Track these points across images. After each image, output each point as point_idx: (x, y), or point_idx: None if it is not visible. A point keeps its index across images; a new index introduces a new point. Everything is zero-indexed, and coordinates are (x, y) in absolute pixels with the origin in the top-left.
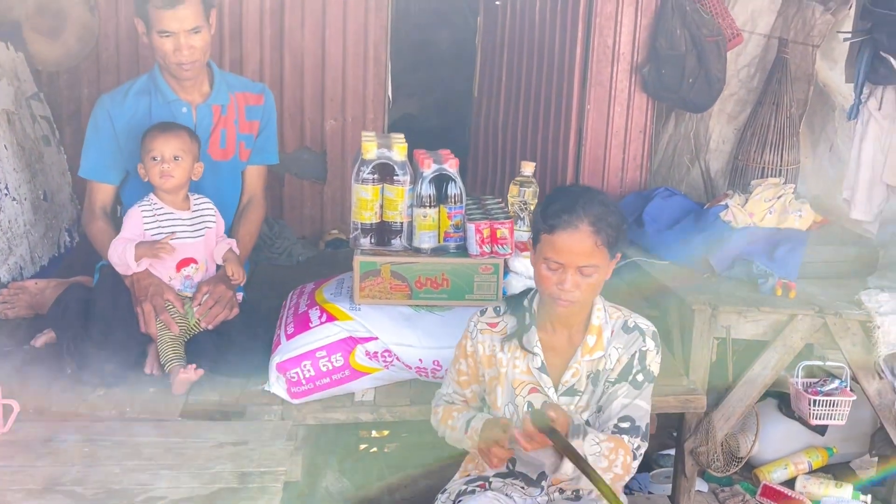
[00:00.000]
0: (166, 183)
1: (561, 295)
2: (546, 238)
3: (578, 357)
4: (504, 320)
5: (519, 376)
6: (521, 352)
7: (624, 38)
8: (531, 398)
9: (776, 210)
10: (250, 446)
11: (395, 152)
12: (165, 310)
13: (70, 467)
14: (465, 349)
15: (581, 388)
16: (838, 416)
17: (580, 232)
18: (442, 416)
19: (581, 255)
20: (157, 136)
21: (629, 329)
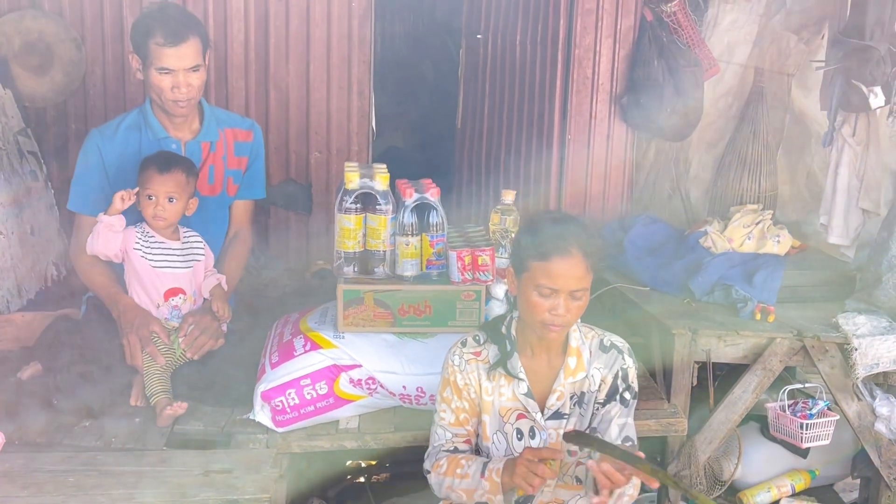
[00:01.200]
0: (157, 223)
1: (554, 321)
2: (539, 266)
3: (561, 380)
4: (486, 349)
5: (505, 403)
6: (506, 379)
7: (603, 69)
8: (519, 424)
9: (755, 236)
10: (234, 474)
11: (378, 182)
12: (151, 342)
13: (54, 497)
14: (456, 385)
15: (566, 411)
16: (824, 437)
17: (574, 258)
18: (447, 467)
19: (575, 280)
20: (154, 177)
21: (606, 348)
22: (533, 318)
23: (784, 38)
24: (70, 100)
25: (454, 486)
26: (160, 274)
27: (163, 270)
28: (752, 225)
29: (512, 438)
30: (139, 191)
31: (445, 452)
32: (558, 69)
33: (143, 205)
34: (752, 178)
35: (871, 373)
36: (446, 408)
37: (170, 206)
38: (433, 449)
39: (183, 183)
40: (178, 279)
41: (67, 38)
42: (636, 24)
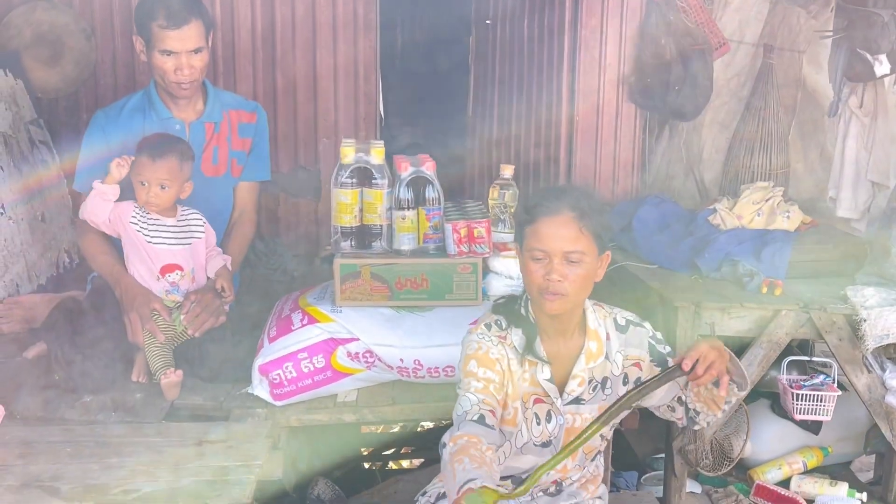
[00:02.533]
0: (151, 209)
1: (549, 287)
2: (529, 230)
3: (583, 364)
4: (509, 333)
5: (527, 388)
6: (528, 363)
7: (610, 50)
8: (536, 409)
9: (764, 212)
10: (228, 444)
11: (373, 156)
12: (151, 319)
13: (50, 465)
14: (487, 357)
15: (586, 397)
16: (823, 412)
17: (562, 216)
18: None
19: (565, 240)
20: (146, 164)
21: (623, 327)
22: (531, 287)
23: (794, 14)
24: (81, 90)
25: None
26: (156, 250)
27: (158, 246)
28: (762, 202)
29: (531, 424)
30: (133, 175)
31: (470, 423)
32: (565, 51)
33: (137, 190)
34: (764, 156)
35: (880, 344)
36: (472, 380)
37: (162, 192)
38: (456, 418)
39: (175, 170)
40: (175, 255)
41: (77, 29)
42: (643, 4)
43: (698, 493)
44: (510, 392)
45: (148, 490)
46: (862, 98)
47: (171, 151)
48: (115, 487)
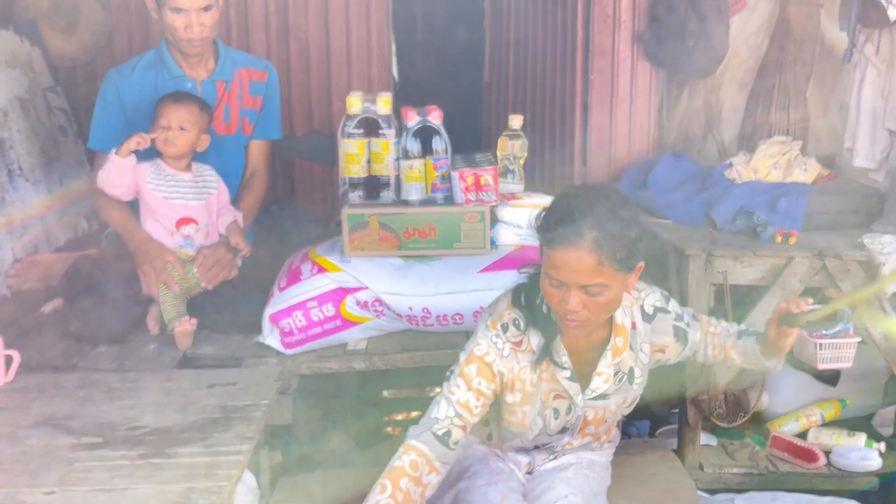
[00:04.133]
0: (168, 150)
1: (566, 315)
2: (546, 252)
3: (609, 360)
4: (527, 337)
5: (546, 387)
6: (547, 363)
7: (624, 6)
8: (556, 404)
9: (781, 166)
10: (238, 386)
11: (380, 106)
12: (166, 271)
13: (63, 407)
14: (489, 368)
15: (609, 392)
16: (844, 359)
17: (579, 249)
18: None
19: (582, 274)
20: (168, 105)
21: (650, 316)
22: (551, 307)
23: None
24: (97, 58)
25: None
26: (172, 204)
27: (174, 201)
28: (779, 156)
29: (549, 419)
30: (155, 123)
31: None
32: (579, 8)
33: (157, 132)
34: (781, 111)
35: None
36: (463, 384)
37: (181, 134)
38: (426, 420)
39: (196, 114)
40: (190, 210)
41: None
42: None
43: (714, 446)
44: (517, 400)
45: (156, 426)
46: (878, 45)
47: (192, 98)
48: (124, 424)
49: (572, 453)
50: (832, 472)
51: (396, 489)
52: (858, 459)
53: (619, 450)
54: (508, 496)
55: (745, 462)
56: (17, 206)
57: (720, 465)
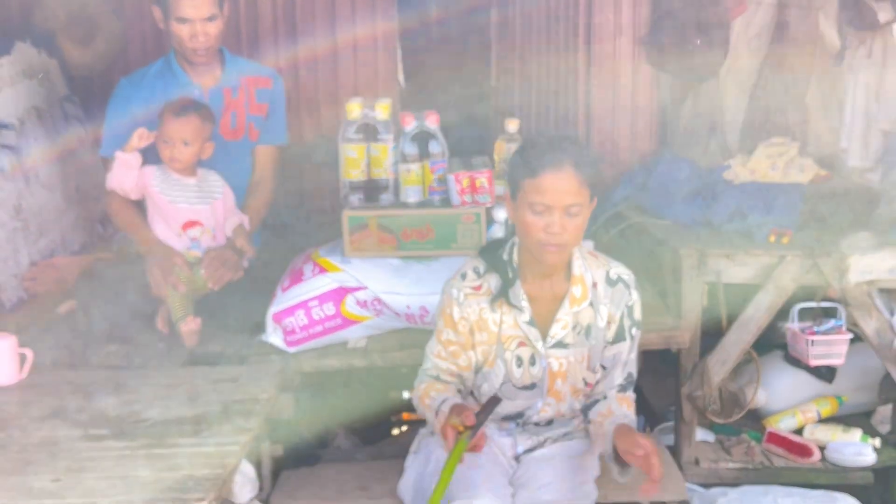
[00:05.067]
0: (174, 165)
1: (550, 239)
2: (530, 183)
3: (567, 308)
4: (486, 280)
5: (507, 331)
6: (508, 307)
7: (625, 11)
8: (519, 352)
9: (779, 167)
10: (239, 382)
11: (378, 112)
12: (173, 272)
13: (73, 401)
14: (451, 319)
15: (570, 342)
16: (836, 356)
17: (564, 172)
18: (421, 393)
19: (567, 194)
20: (171, 121)
21: (613, 282)
22: (529, 239)
23: None
24: (113, 68)
25: (423, 411)
26: (178, 208)
27: (179, 205)
28: (777, 156)
29: (511, 365)
30: (158, 134)
31: (428, 377)
32: (580, 14)
33: (161, 148)
34: (780, 113)
35: (863, 279)
36: (436, 340)
37: (185, 149)
38: (421, 371)
39: (198, 128)
40: (196, 213)
41: (107, 9)
42: None
43: (711, 442)
44: (484, 339)
45: (158, 419)
46: (871, 47)
47: (193, 111)
48: (129, 418)
49: (558, 443)
50: (826, 467)
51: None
52: (852, 455)
53: None
54: (492, 478)
55: (740, 457)
56: (34, 211)
57: (716, 460)
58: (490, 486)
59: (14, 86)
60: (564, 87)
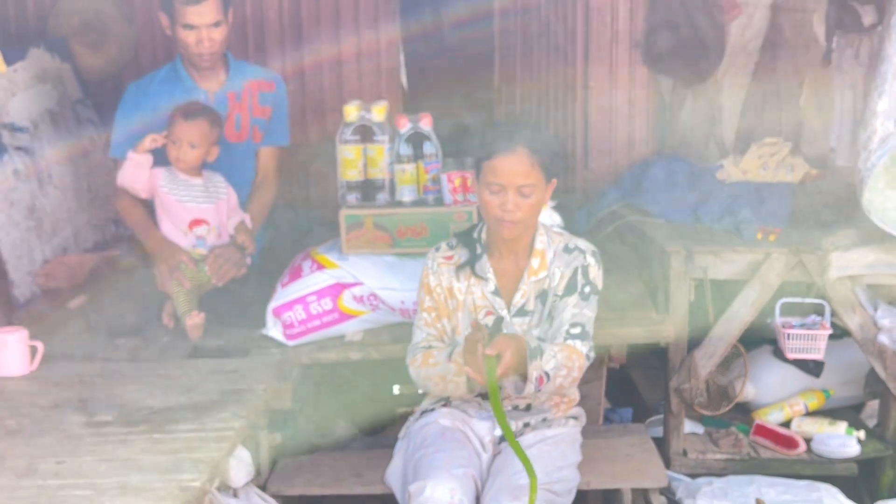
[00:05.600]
0: (179, 165)
1: (504, 216)
2: (487, 164)
3: (526, 279)
4: (457, 252)
5: (476, 301)
6: (476, 279)
7: (621, 15)
8: (487, 321)
9: (770, 166)
10: (239, 373)
11: (374, 114)
12: (179, 269)
13: (80, 391)
14: (428, 286)
15: (531, 308)
16: (814, 350)
17: (517, 154)
18: (422, 360)
19: (519, 175)
20: (180, 123)
21: (570, 250)
22: (488, 216)
23: None
24: (124, 71)
25: (429, 375)
26: (185, 207)
27: (186, 204)
28: (769, 156)
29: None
30: (167, 135)
31: (421, 349)
32: (578, 18)
33: (169, 148)
34: (773, 113)
35: (843, 274)
36: (420, 310)
37: (191, 151)
38: (411, 346)
39: (206, 132)
40: (202, 212)
41: (119, 15)
42: None
43: (700, 434)
44: (453, 306)
45: (158, 407)
46: (858, 49)
47: (202, 115)
48: (131, 406)
49: (536, 430)
50: (812, 459)
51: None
52: (838, 446)
53: (598, 434)
54: (453, 461)
55: (728, 449)
56: (47, 211)
57: (703, 451)
58: (448, 468)
59: (28, 90)
60: (563, 92)
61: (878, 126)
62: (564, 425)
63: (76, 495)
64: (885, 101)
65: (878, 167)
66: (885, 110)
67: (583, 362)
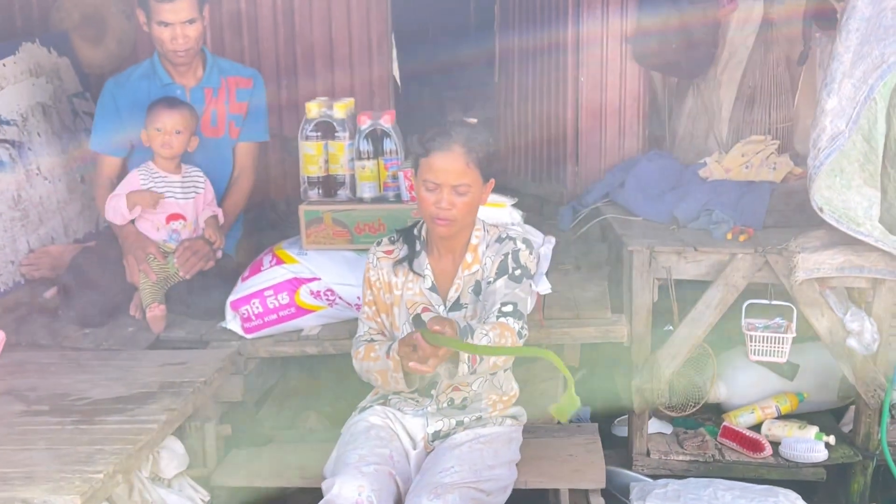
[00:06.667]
0: (166, 152)
1: (439, 213)
2: (423, 162)
3: (460, 274)
4: (397, 248)
5: (412, 297)
6: (414, 275)
7: (612, 10)
8: (424, 316)
9: (753, 164)
10: (186, 365)
11: (336, 111)
12: (146, 261)
13: (30, 380)
14: (369, 280)
15: (466, 301)
16: (777, 353)
17: (453, 153)
18: (364, 353)
19: (454, 174)
20: (163, 111)
21: (502, 240)
22: (424, 213)
23: None
24: (123, 66)
25: (371, 368)
26: (164, 203)
27: (166, 199)
28: (753, 154)
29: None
30: (149, 126)
31: (364, 342)
32: (570, 12)
33: (153, 137)
34: (763, 110)
35: (810, 277)
36: (363, 303)
37: (177, 137)
38: (355, 339)
39: (188, 118)
40: (179, 207)
41: (118, 10)
42: None
43: (668, 434)
44: (391, 301)
45: (97, 398)
46: None
47: (182, 103)
48: (72, 396)
49: (469, 429)
50: (779, 463)
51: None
52: (804, 451)
53: (548, 433)
54: (366, 458)
55: (692, 450)
56: (34, 202)
57: (667, 452)
58: (359, 466)
59: (17, 84)
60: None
61: (827, 124)
62: (500, 424)
63: None
64: (835, 99)
65: (826, 165)
66: (833, 108)
67: (515, 339)
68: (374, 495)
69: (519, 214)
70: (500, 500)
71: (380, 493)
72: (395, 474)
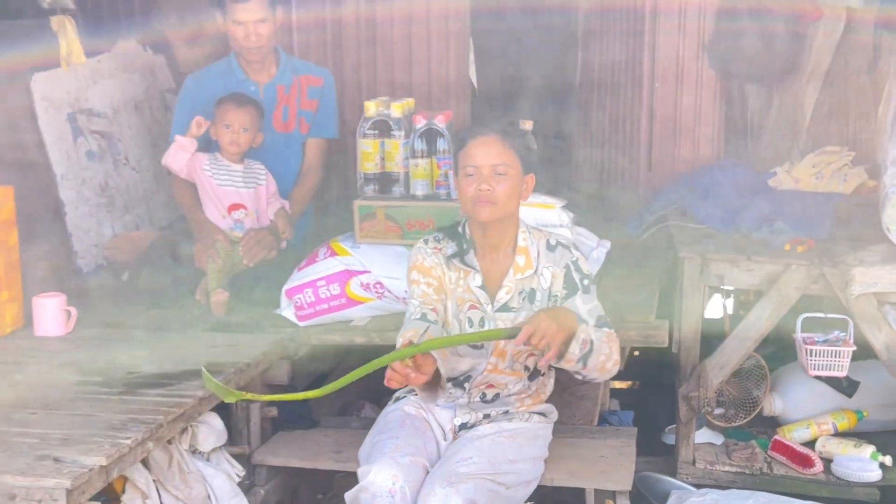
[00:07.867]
0: (233, 149)
1: (480, 196)
2: (462, 153)
3: (511, 276)
4: (444, 245)
5: (461, 294)
6: (463, 272)
7: (689, 15)
8: (470, 314)
9: (823, 175)
10: (235, 347)
11: (392, 110)
12: (214, 248)
13: (91, 353)
14: (423, 266)
15: (515, 306)
16: (837, 367)
17: (488, 137)
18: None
19: (491, 155)
20: (231, 109)
21: (552, 247)
22: (465, 202)
23: None
24: None
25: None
26: (225, 191)
27: (226, 188)
28: (825, 165)
29: (464, 326)
30: (217, 122)
31: (414, 321)
32: (646, 17)
33: (220, 133)
34: (840, 121)
35: (867, 291)
36: (415, 288)
37: (244, 134)
38: (405, 321)
39: (255, 116)
40: (240, 197)
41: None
42: None
43: (717, 444)
44: (444, 296)
45: (147, 372)
46: None
47: (250, 101)
48: (127, 369)
49: (495, 422)
50: (830, 480)
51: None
52: (857, 469)
53: (585, 433)
54: (402, 448)
55: (740, 462)
56: (121, 190)
57: (713, 462)
58: (395, 455)
59: (111, 79)
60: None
61: None
62: (527, 420)
63: (24, 442)
64: None
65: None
66: None
67: (618, 345)
68: (408, 486)
69: (568, 216)
70: (520, 494)
71: (413, 485)
72: (427, 465)
